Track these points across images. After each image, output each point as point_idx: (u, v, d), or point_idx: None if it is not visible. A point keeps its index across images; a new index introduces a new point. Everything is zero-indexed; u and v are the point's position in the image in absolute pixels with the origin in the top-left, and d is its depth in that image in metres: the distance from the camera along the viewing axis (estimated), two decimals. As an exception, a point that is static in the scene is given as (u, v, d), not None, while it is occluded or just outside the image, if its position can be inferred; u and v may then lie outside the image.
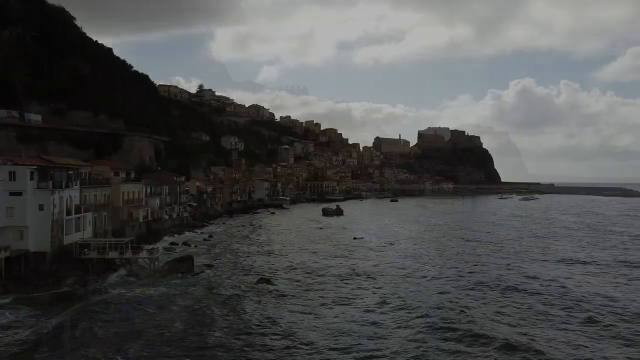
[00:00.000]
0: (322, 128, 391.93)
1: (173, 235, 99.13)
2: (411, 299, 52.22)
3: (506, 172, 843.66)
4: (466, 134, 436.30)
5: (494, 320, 45.31)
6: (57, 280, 56.82)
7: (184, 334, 41.34)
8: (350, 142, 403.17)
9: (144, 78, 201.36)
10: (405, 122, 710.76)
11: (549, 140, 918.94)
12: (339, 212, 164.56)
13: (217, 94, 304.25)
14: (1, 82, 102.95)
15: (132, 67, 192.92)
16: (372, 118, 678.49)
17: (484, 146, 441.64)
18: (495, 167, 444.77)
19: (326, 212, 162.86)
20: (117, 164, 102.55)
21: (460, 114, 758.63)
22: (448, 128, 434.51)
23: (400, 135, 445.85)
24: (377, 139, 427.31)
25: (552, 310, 48.52)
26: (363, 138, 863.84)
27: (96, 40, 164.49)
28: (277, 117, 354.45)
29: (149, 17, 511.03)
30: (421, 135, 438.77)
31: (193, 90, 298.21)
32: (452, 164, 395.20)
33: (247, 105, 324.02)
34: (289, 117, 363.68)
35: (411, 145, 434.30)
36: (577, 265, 73.35)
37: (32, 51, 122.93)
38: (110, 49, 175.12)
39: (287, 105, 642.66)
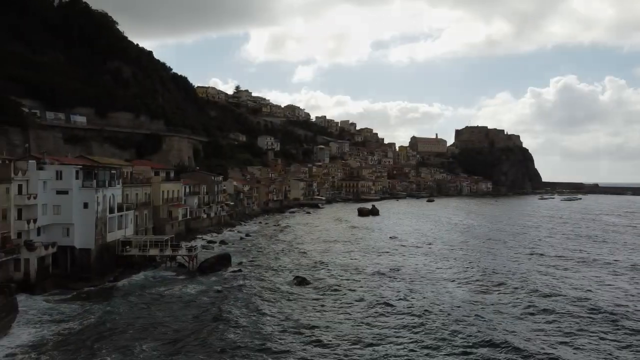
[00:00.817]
0: (357, 128, 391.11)
1: (211, 233, 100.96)
2: (447, 304, 50.82)
3: (547, 172, 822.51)
4: (505, 132, 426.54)
5: (535, 332, 44.17)
6: (100, 275, 59.04)
7: (217, 329, 42.04)
8: (386, 141, 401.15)
9: (183, 80, 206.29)
10: (441, 121, 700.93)
11: (593, 139, 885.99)
12: (374, 212, 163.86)
13: (253, 94, 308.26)
14: (48, 86, 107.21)
15: (171, 69, 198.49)
16: (408, 117, 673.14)
17: (523, 145, 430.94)
18: (536, 167, 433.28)
19: (362, 212, 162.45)
20: (157, 164, 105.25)
21: (498, 113, 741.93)
22: (486, 127, 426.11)
23: (436, 134, 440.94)
24: (413, 138, 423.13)
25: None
26: (399, 138, 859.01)
27: (137, 44, 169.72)
28: (313, 117, 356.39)
29: (186, 20, 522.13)
30: (458, 134, 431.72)
31: (229, 91, 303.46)
32: (490, 163, 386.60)
33: (282, 106, 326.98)
34: (324, 117, 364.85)
35: (448, 144, 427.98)
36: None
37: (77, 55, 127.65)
38: (150, 52, 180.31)
39: (322, 105, 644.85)
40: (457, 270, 68.98)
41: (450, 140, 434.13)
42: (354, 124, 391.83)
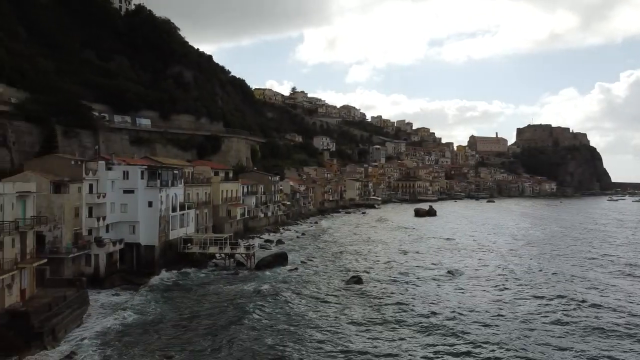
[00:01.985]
0: (414, 127, 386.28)
1: (268, 232, 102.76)
2: (509, 310, 49.12)
3: (618, 171, 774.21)
4: (570, 130, 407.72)
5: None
6: (165, 271, 61.53)
7: (273, 325, 42.73)
8: (443, 141, 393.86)
9: (241, 82, 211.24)
10: (502, 120, 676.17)
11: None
12: (431, 213, 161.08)
13: (309, 95, 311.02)
14: (116, 91, 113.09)
15: (230, 72, 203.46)
16: (466, 116, 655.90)
17: (591, 144, 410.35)
18: (605, 167, 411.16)
19: (418, 213, 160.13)
20: (217, 164, 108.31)
21: (563, 110, 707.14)
22: (550, 125, 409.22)
23: (496, 133, 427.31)
24: (472, 137, 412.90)
25: None
26: (457, 137, 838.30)
27: (197, 49, 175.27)
28: (368, 117, 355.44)
29: (243, 23, 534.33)
30: (520, 132, 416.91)
31: (285, 92, 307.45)
32: (554, 163, 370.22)
33: (338, 106, 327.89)
34: (380, 117, 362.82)
35: (509, 144, 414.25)
36: None
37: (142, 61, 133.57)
38: (210, 56, 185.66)
39: (377, 105, 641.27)
40: (516, 277, 65.68)
41: (511, 139, 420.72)
42: (410, 124, 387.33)
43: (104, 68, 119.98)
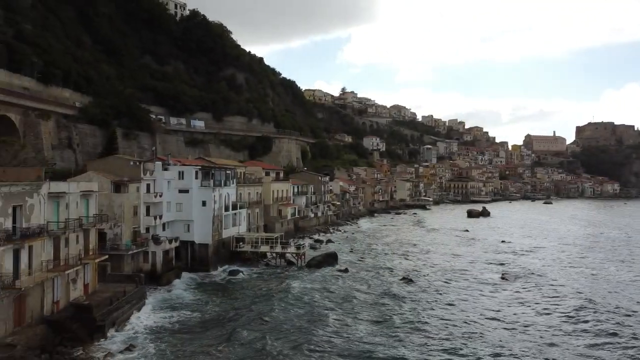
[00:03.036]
0: (466, 127, 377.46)
1: (318, 232, 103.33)
2: (571, 327, 46.10)
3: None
4: (635, 128, 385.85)
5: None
6: (217, 269, 63.19)
7: (328, 324, 42.90)
8: (497, 140, 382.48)
9: (291, 83, 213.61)
10: (559, 118, 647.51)
11: None
12: (485, 214, 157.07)
13: (358, 95, 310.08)
14: (172, 94, 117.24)
15: (280, 74, 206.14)
16: (521, 115, 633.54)
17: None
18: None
19: (471, 214, 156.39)
20: (268, 165, 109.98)
21: (627, 106, 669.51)
22: (612, 122, 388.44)
23: (554, 132, 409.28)
24: (527, 136, 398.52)
25: None
26: (512, 136, 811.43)
27: (249, 51, 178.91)
28: (419, 116, 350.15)
29: (292, 25, 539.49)
30: (579, 131, 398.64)
31: (335, 92, 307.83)
32: (617, 162, 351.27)
33: (388, 106, 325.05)
34: (431, 116, 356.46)
35: (567, 142, 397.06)
36: None
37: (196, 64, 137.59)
38: (261, 58, 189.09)
39: (428, 104, 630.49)
40: (575, 286, 62.98)
41: (570, 137, 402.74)
42: (462, 123, 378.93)
43: (161, 72, 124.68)
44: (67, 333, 36.18)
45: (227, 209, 68.69)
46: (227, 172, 71.07)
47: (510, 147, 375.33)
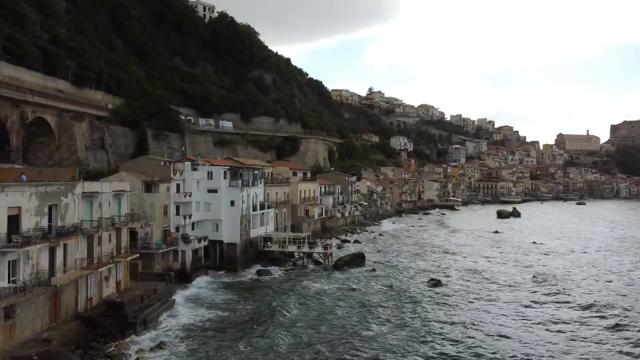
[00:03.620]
0: (496, 126, 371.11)
1: (345, 232, 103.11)
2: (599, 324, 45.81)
3: None
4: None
5: None
6: (245, 268, 63.70)
7: (355, 323, 42.75)
8: (527, 140, 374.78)
9: (318, 84, 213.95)
10: (592, 117, 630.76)
11: None
12: (515, 215, 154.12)
13: (385, 95, 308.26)
14: (201, 95, 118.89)
15: (307, 74, 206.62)
16: (553, 113, 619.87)
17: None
18: None
19: (501, 215, 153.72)
20: (295, 165, 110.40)
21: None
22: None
23: (587, 130, 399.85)
24: (559, 135, 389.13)
25: None
26: (543, 135, 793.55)
27: (276, 52, 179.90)
28: (447, 115, 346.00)
29: (319, 25, 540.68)
30: (615, 129, 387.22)
31: (361, 92, 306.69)
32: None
33: (415, 106, 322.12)
34: (460, 115, 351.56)
35: (602, 141, 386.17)
36: None
37: (224, 66, 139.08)
38: (288, 59, 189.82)
39: (457, 104, 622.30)
40: (611, 291, 61.10)
41: (605, 136, 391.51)
42: (492, 122, 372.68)
43: (190, 74, 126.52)
44: (100, 329, 37.00)
45: (254, 209, 69.17)
46: (255, 172, 71.57)
47: (541, 147, 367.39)
